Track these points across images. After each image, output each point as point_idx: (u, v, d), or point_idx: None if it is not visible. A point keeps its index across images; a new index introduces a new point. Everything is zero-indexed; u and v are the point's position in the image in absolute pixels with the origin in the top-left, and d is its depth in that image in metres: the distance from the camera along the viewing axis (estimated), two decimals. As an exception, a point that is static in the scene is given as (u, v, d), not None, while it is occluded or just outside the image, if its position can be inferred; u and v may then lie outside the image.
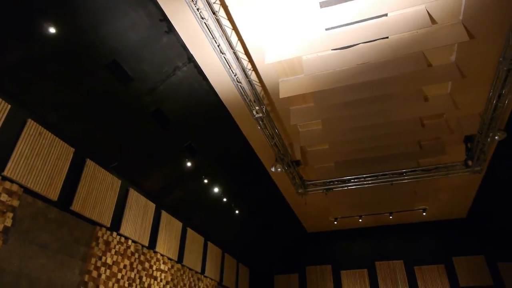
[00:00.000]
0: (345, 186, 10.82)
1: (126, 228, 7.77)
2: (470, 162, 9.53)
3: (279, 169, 9.50)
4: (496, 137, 8.32)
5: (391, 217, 13.31)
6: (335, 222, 13.96)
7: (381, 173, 10.40)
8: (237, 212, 11.31)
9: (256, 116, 7.62)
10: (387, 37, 6.54)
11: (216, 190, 10.04)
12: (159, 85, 6.99)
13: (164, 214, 9.25)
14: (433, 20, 6.16)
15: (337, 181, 10.82)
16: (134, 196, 8.18)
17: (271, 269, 15.37)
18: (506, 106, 7.48)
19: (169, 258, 9.23)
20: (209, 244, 11.34)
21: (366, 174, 10.47)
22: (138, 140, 7.73)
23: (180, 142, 8.46)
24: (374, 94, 7.68)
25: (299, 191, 10.95)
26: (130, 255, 7.76)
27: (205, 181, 9.70)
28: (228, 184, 10.41)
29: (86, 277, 6.51)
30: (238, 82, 6.90)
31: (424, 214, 13.14)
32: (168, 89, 7.13)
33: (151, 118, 7.43)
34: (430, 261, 13.61)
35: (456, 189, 11.51)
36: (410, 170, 10.20)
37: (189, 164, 8.80)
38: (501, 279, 12.70)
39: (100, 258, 6.92)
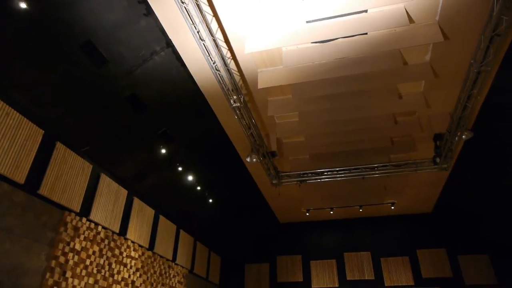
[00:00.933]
0: (319, 179, 11.00)
1: (96, 214, 7.62)
2: (438, 160, 9.90)
3: (254, 160, 9.54)
4: (463, 136, 8.66)
5: (361, 210, 13.67)
6: (307, 214, 14.21)
7: (353, 167, 10.63)
8: (210, 201, 11.30)
9: (234, 105, 7.59)
10: (366, 33, 6.64)
11: (190, 178, 9.98)
12: (135, 69, 6.82)
13: (136, 201, 9.12)
14: (410, 19, 6.29)
15: (311, 173, 10.98)
16: (105, 182, 8.01)
17: (242, 258, 15.52)
18: (474, 107, 7.79)
19: (140, 245, 9.14)
20: (181, 232, 11.30)
21: (339, 167, 10.69)
22: (111, 125, 7.54)
23: (155, 128, 8.33)
24: (351, 89, 7.81)
25: (273, 182, 11.05)
26: (99, 241, 7.62)
27: (180, 169, 9.62)
28: (203, 173, 10.37)
29: (53, 263, 6.35)
30: (217, 70, 6.83)
31: (393, 208, 13.58)
32: (145, 73, 6.97)
33: (126, 102, 7.25)
34: (396, 253, 14.14)
35: (423, 185, 11.94)
36: (381, 165, 10.49)
37: (163, 151, 8.69)
38: (460, 271, 13.37)
39: (68, 244, 6.75)
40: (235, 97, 7.45)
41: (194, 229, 12.06)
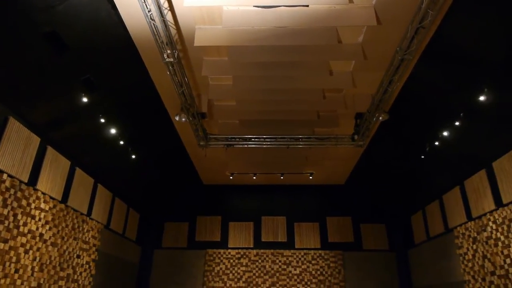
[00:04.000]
0: (246, 144, 11.23)
1: (2, 160, 6.89)
2: (356, 137, 10.71)
3: (183, 119, 9.37)
4: (380, 118, 9.45)
5: (282, 177, 14.37)
6: (231, 177, 14.53)
7: (280, 136, 11.03)
8: (133, 156, 10.90)
9: (167, 60, 7.26)
10: (307, 6, 6.71)
11: (113, 131, 9.44)
12: (58, 4, 6.07)
13: (50, 150, 8.43)
14: (350, -1, 6.50)
15: (239, 138, 11.15)
16: (14, 126, 7.21)
17: (162, 216, 15.47)
18: (393, 92, 8.48)
19: (51, 197, 8.56)
20: (99, 186, 10.81)
21: (266, 135, 11.00)
22: (26, 63, 6.72)
23: (78, 73, 7.62)
24: (287, 59, 7.94)
25: (201, 143, 11.02)
26: (4, 190, 6.97)
27: (102, 120, 9.03)
28: (127, 127, 9.88)
29: None
30: (152, 20, 6.41)
31: (311, 178, 14.50)
32: (69, 10, 6.24)
33: (44, 40, 6.48)
34: (308, 219, 15.29)
35: (340, 159, 12.88)
36: (306, 136, 11.04)
37: (85, 99, 8.03)
38: (360, 237, 15.01)
39: (-35, 191, 6.07)
40: (169, 51, 7.11)
41: (113, 184, 11.60)
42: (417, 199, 13.00)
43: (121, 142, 10.06)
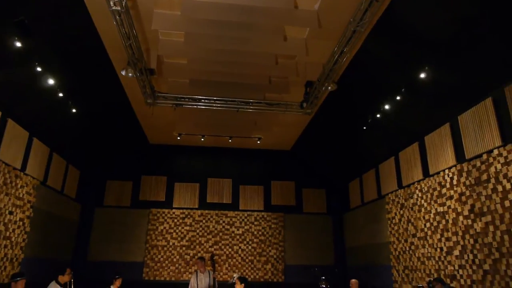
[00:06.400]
0: (195, 105, 11.04)
1: None
2: (304, 105, 10.96)
3: (130, 74, 8.92)
4: (329, 88, 9.72)
5: (230, 140, 14.43)
6: (178, 138, 14.31)
7: (230, 99, 10.96)
8: (74, 110, 10.25)
9: (113, 8, 6.72)
10: (266, -34, 6.52)
11: (51, 82, 8.74)
12: None
13: (-23, 98, 7.65)
14: (309, -37, 6.41)
15: (189, 98, 10.91)
16: None
17: (104, 174, 14.98)
18: (343, 63, 8.71)
19: (-22, 149, 7.88)
20: (35, 140, 10.11)
21: (217, 96, 10.86)
22: None
23: (9, 14, 6.83)
24: (241, 20, 7.74)
25: (148, 101, 10.63)
26: None
27: (38, 69, 8.29)
28: (68, 79, 9.19)
29: None
30: (98, -39, 5.86)
31: (258, 142, 14.74)
32: None
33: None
34: (253, 182, 15.69)
35: (288, 125, 13.17)
36: (256, 101, 11.07)
37: (18, 44, 7.28)
38: (301, 200, 15.78)
39: None
40: (116, -1, 6.60)
41: (51, 139, 10.90)
42: (356, 167, 13.82)
43: (60, 95, 9.37)
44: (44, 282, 6.71)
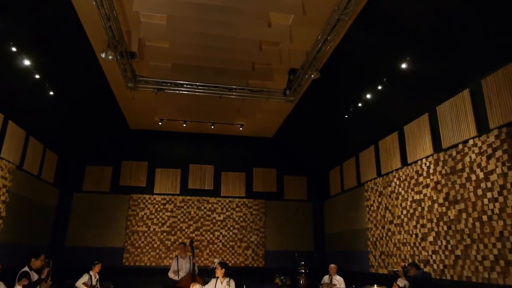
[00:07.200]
0: (177, 90, 10.90)
1: None
2: (288, 92, 10.98)
3: (110, 57, 8.70)
4: (312, 76, 9.74)
5: (212, 127, 14.36)
6: (160, 123, 14.15)
7: (213, 85, 10.86)
8: (51, 93, 9.95)
9: (93, -12, 6.52)
10: (252, -51, 6.41)
11: (26, 63, 8.44)
12: None
13: None
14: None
15: (171, 83, 10.76)
16: None
17: (84, 158, 14.70)
18: (327, 51, 8.73)
19: (-51, 131, 7.59)
20: (10, 123, 9.78)
21: (199, 82, 10.74)
22: None
23: (-19, -10, 6.53)
24: (225, 4, 7.63)
25: (129, 85, 10.44)
26: None
27: (13, 49, 7.98)
28: (45, 60, 8.89)
29: None
30: None
31: (241, 129, 14.72)
32: None
33: None
34: (235, 169, 15.72)
35: (271, 112, 13.19)
36: (239, 87, 11.02)
37: (-9, 22, 6.98)
38: (283, 188, 15.94)
39: None
40: (96, -22, 6.38)
41: (28, 122, 10.57)
42: (337, 155, 14.02)
43: (37, 76, 9.07)
44: (20, 268, 6.61)
